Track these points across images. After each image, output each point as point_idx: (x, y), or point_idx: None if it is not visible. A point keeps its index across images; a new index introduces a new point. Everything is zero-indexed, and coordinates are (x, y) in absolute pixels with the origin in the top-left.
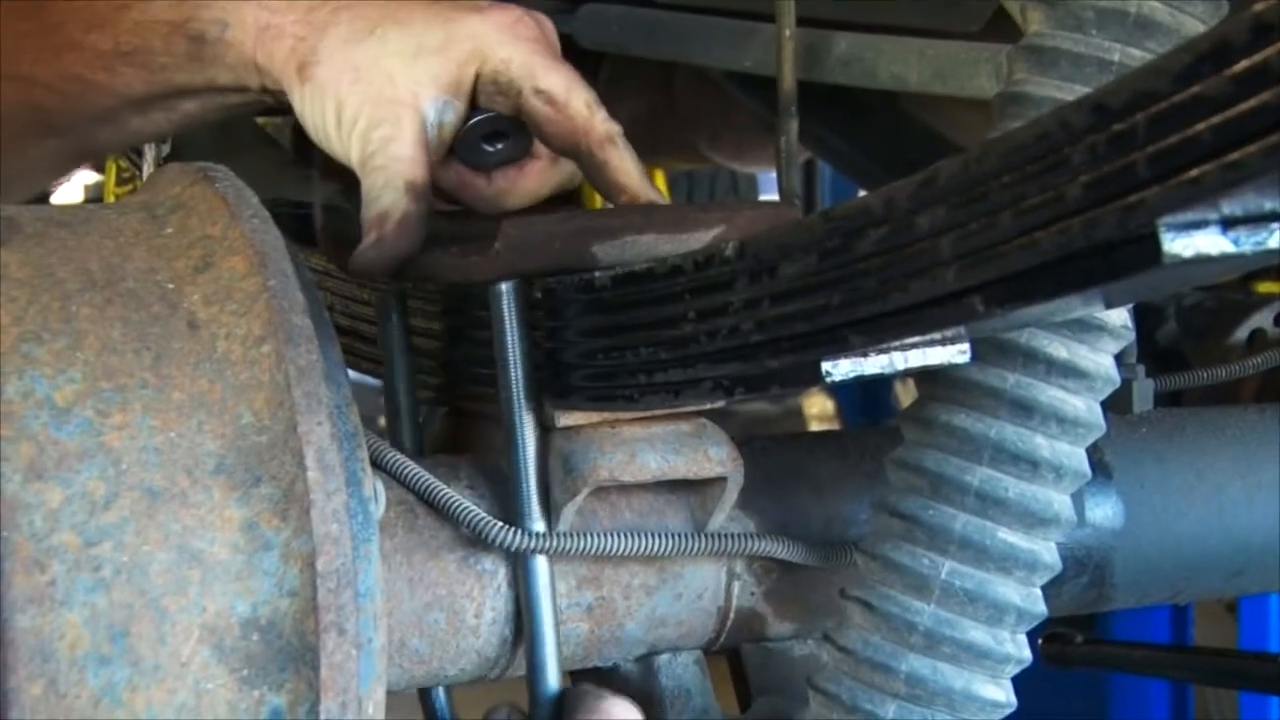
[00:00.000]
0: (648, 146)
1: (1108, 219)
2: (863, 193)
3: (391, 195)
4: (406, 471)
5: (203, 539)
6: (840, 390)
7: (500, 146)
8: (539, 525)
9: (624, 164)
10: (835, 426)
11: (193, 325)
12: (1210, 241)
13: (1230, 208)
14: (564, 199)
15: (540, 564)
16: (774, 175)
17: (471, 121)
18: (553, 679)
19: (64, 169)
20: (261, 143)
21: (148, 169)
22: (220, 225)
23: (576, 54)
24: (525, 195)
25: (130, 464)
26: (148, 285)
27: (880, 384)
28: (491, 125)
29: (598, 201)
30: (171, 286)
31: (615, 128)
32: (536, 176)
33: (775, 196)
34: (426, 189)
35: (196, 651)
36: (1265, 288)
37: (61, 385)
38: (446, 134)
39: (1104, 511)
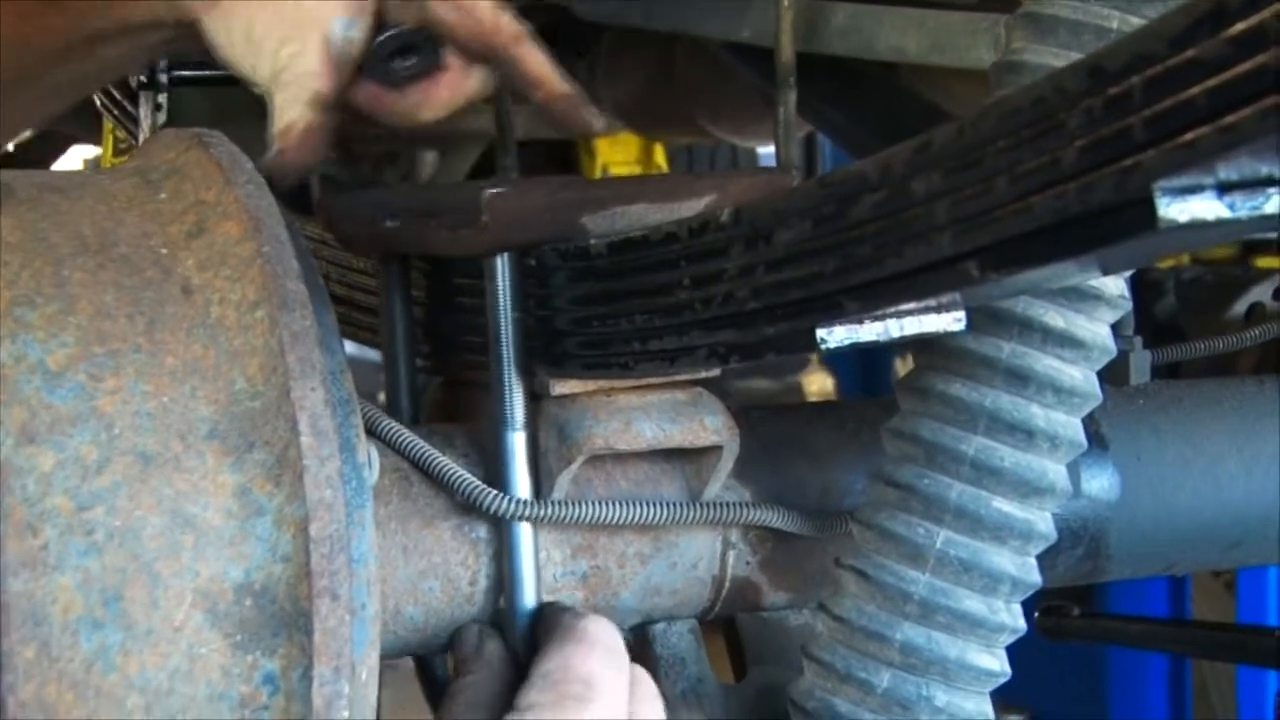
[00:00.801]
0: (647, 120)
1: (1103, 183)
2: None
3: (297, 108)
4: (401, 439)
5: (196, 504)
6: (839, 368)
7: (411, 61)
8: (525, 493)
9: (536, 59)
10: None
11: (186, 290)
12: (1206, 206)
13: (1226, 172)
14: (558, 160)
15: (525, 531)
16: (774, 149)
17: (380, 39)
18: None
19: None
20: (256, 111)
21: (143, 138)
22: (214, 190)
23: (574, 28)
24: (440, 106)
25: (123, 429)
26: (141, 250)
27: (880, 361)
28: (399, 41)
29: (596, 172)
30: (165, 252)
31: (523, 27)
32: (449, 87)
33: None
34: (331, 102)
35: (190, 616)
36: (1264, 262)
37: (54, 349)
38: (354, 50)
39: (1100, 483)
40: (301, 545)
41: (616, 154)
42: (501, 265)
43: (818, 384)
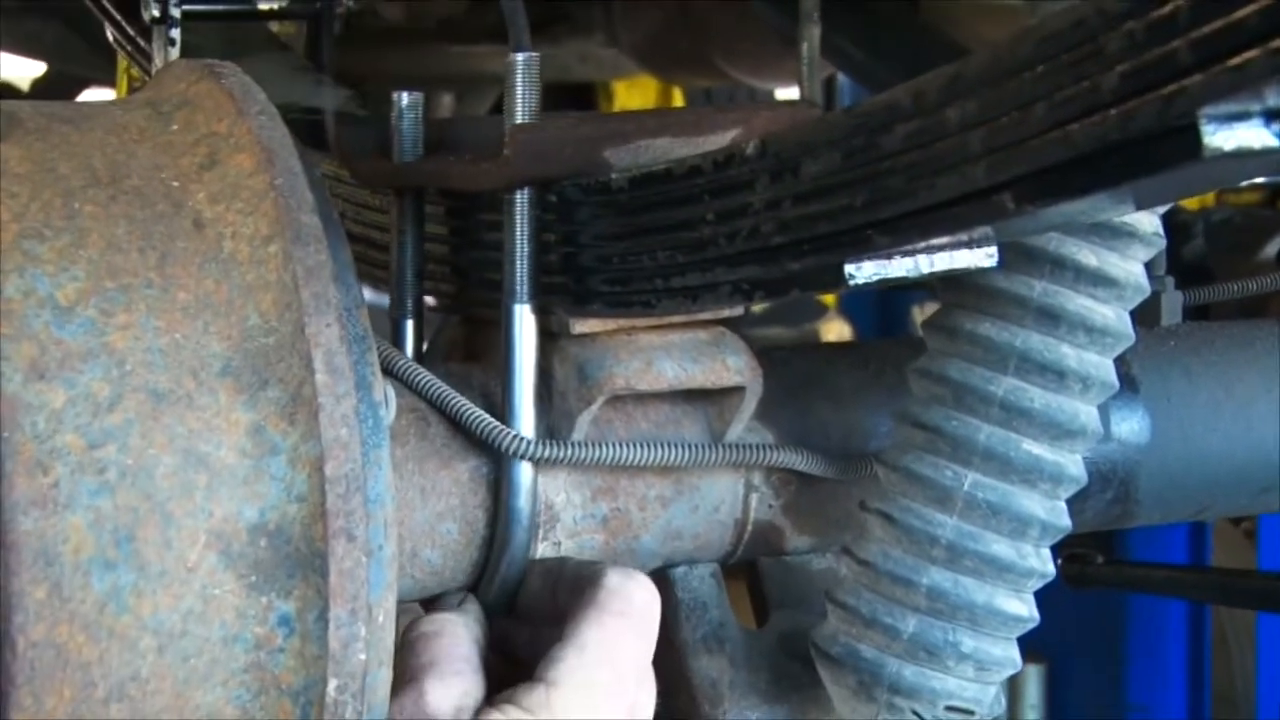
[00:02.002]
0: (664, 61)
1: (1146, 110)
2: None
3: None
4: (418, 378)
5: (209, 442)
6: (857, 315)
7: None
8: (529, 430)
9: None
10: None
11: (198, 224)
12: (1253, 134)
13: (1276, 98)
14: (577, 104)
15: (525, 469)
16: (791, 92)
17: None
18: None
19: None
20: (273, 47)
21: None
22: (226, 122)
23: None
24: None
25: (135, 365)
26: (152, 183)
27: (898, 307)
28: None
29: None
30: (176, 184)
31: None
32: None
33: None
34: None
35: (203, 557)
36: None
37: (64, 284)
38: None
39: (1130, 426)
40: (317, 485)
41: (634, 98)
42: (521, 200)
43: (835, 331)
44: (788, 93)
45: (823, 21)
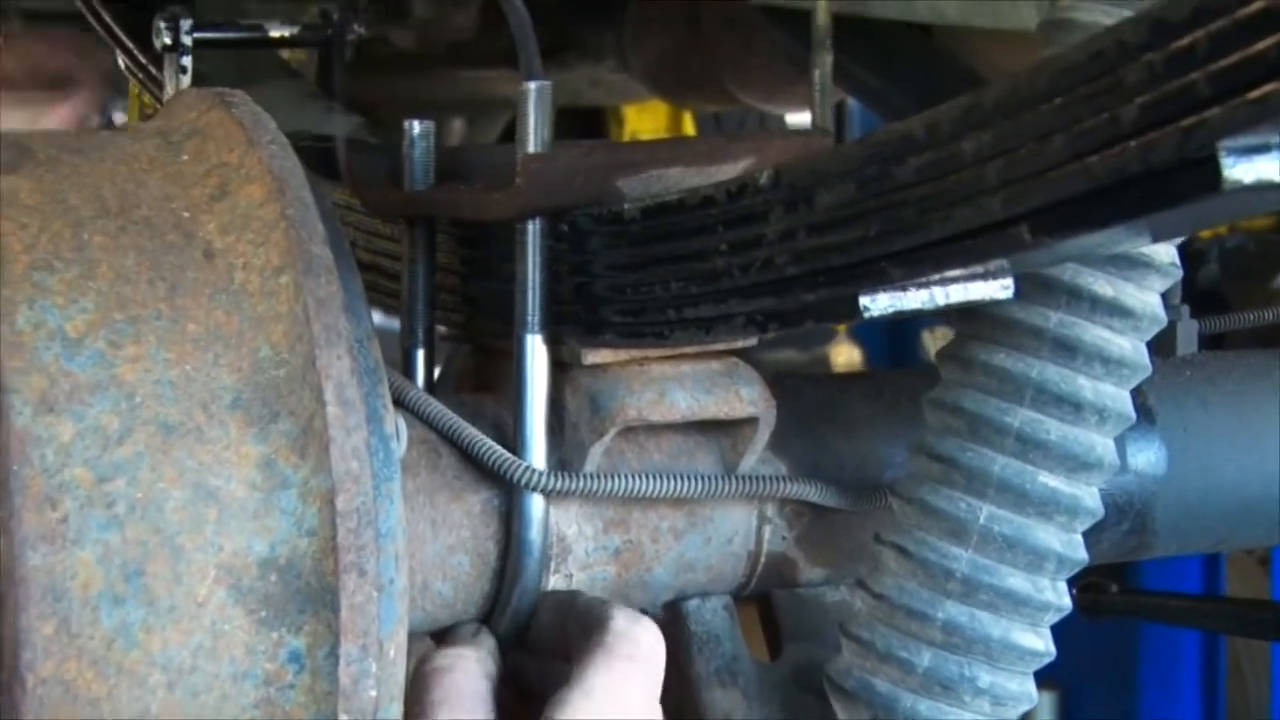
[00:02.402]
0: (676, 86)
1: (1165, 142)
2: None
3: None
4: (429, 409)
5: (219, 476)
6: (867, 339)
7: None
8: (541, 462)
9: None
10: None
11: (209, 255)
12: (1272, 166)
13: None
14: (587, 129)
15: (537, 501)
16: (802, 117)
17: None
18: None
19: None
20: (283, 74)
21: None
22: (237, 152)
23: None
24: None
25: (144, 397)
26: (163, 213)
27: (908, 332)
28: None
29: (625, 140)
30: (187, 215)
31: None
32: None
33: None
34: None
35: (213, 592)
36: None
37: (73, 315)
38: None
39: (1146, 457)
40: (328, 519)
41: (645, 122)
42: (533, 230)
43: (845, 355)
44: (799, 118)
45: (835, 47)
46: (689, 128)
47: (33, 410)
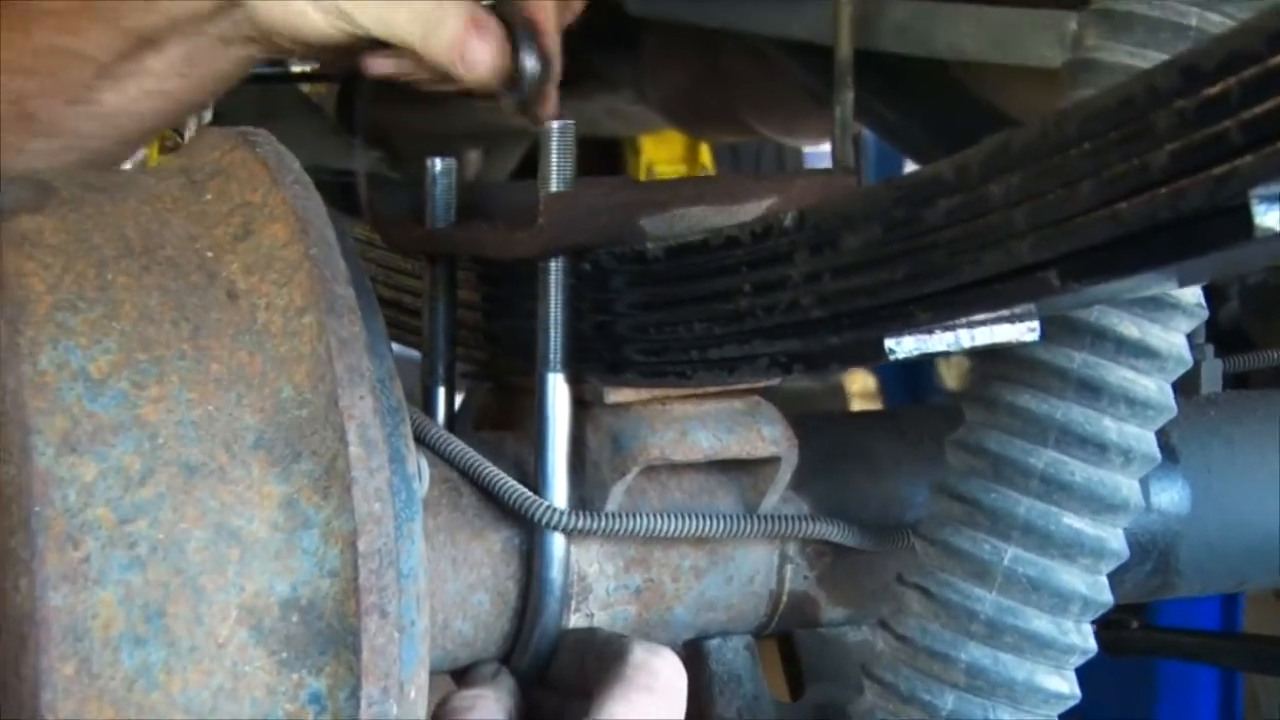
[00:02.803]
0: (694, 118)
1: (1196, 189)
2: (910, 165)
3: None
4: (450, 448)
5: (241, 516)
6: (881, 367)
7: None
8: (562, 501)
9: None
10: (877, 403)
11: (232, 295)
12: None
13: None
14: (603, 158)
15: (558, 540)
16: (820, 149)
17: None
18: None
19: None
20: (303, 109)
21: (189, 135)
22: (261, 191)
23: (618, 22)
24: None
25: (167, 438)
26: (186, 253)
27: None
28: None
29: (641, 170)
30: (210, 255)
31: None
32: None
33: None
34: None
35: (234, 633)
36: None
37: (97, 356)
38: None
39: (1170, 496)
40: (350, 560)
41: (661, 152)
42: (555, 269)
43: (860, 382)
44: (817, 150)
45: (854, 82)
46: (705, 158)
47: (55, 451)
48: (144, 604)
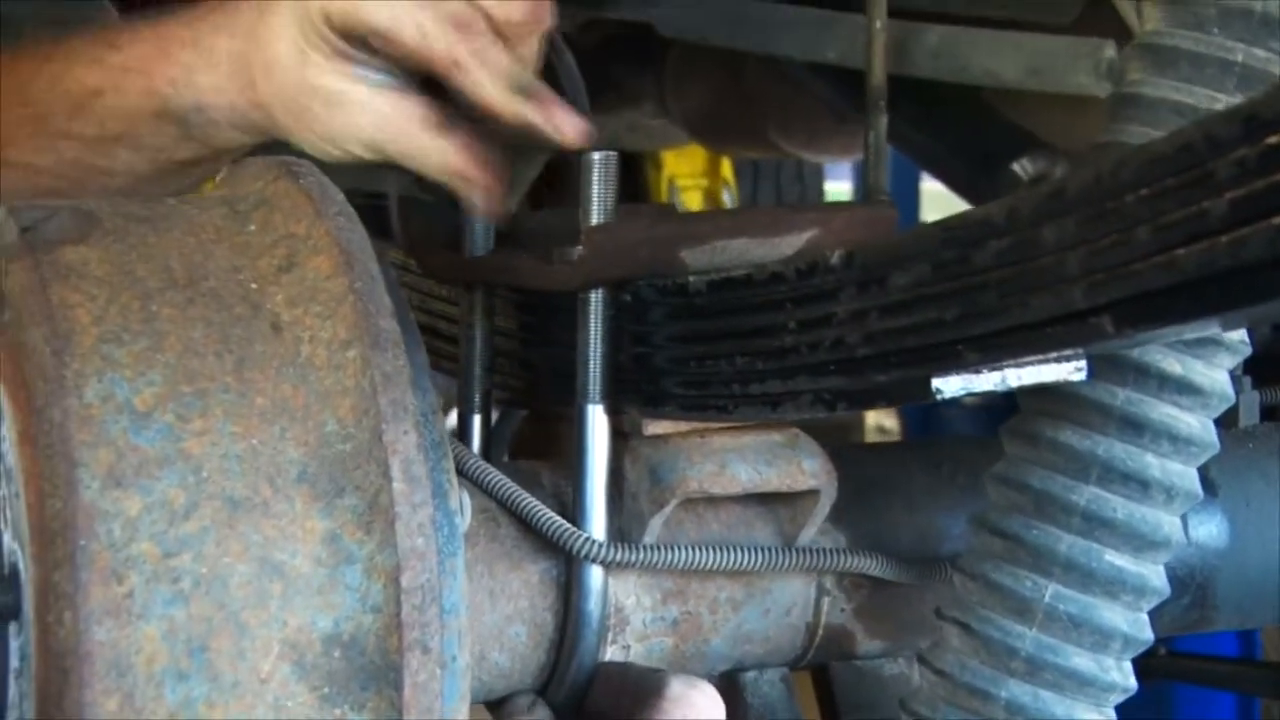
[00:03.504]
0: (717, 133)
1: (1258, 238)
2: (927, 180)
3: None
4: (489, 479)
5: (284, 551)
6: None
7: None
8: (600, 532)
9: (476, 88)
10: (895, 425)
11: (276, 327)
12: None
13: None
14: (625, 171)
15: (595, 572)
16: (838, 164)
17: None
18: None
19: None
20: None
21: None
22: (305, 223)
23: (641, 38)
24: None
25: (211, 472)
26: (230, 285)
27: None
28: None
29: (663, 184)
30: (254, 287)
31: (461, 49)
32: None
33: (840, 186)
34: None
35: (276, 668)
36: None
37: (141, 389)
38: None
39: (1208, 530)
40: (392, 595)
41: (683, 166)
42: (595, 300)
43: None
44: (837, 167)
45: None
46: (727, 172)
47: (100, 484)
48: (187, 639)
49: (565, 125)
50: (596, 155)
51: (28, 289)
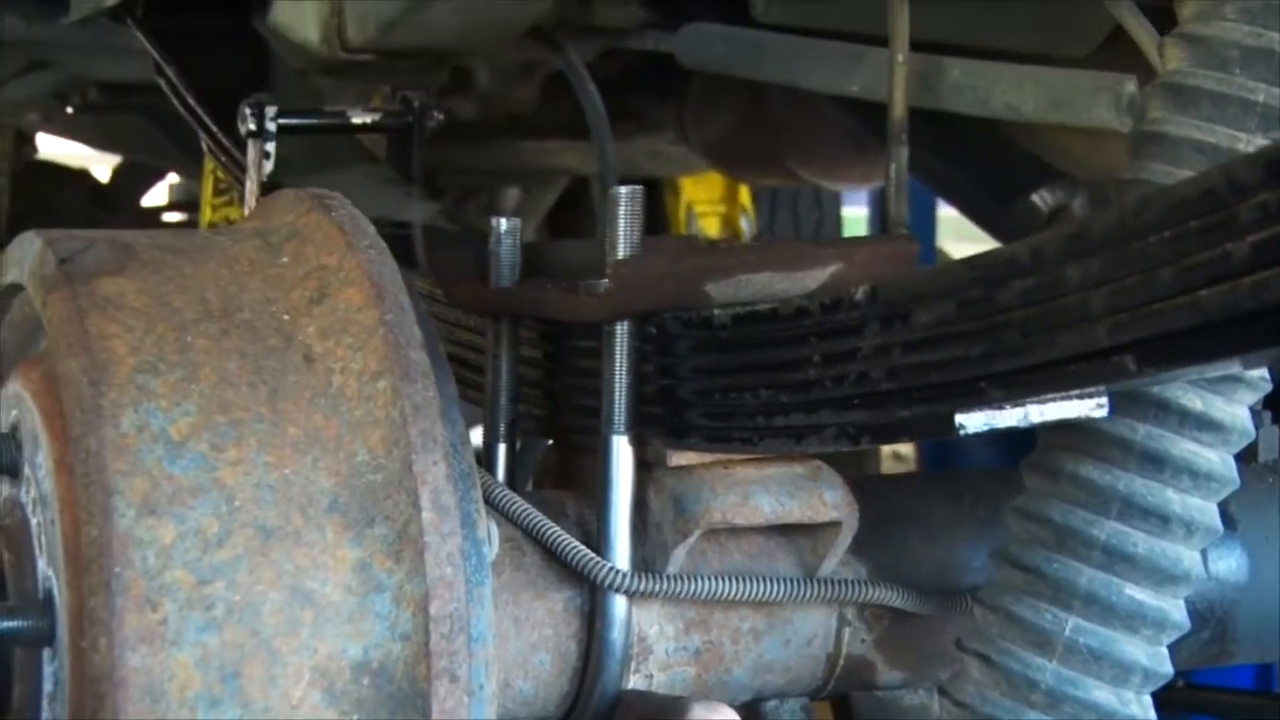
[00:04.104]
0: (737, 161)
1: (1278, 281)
2: (944, 206)
3: None
4: (515, 508)
5: (315, 579)
6: None
7: None
8: (624, 562)
9: None
10: (909, 451)
11: (308, 358)
12: None
13: None
14: (653, 222)
15: (619, 602)
16: (853, 190)
17: None
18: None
19: None
20: (360, 157)
21: (250, 185)
22: (336, 255)
23: (662, 68)
24: None
25: (244, 501)
26: (264, 316)
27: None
28: None
29: (680, 211)
30: (287, 318)
31: None
32: None
33: (857, 211)
34: None
35: (307, 695)
36: None
37: (177, 419)
38: None
39: (1228, 564)
40: (421, 624)
41: (700, 193)
42: (621, 332)
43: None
44: (854, 193)
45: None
46: (745, 199)
47: (136, 512)
48: (220, 665)
49: None
50: (623, 190)
51: (65, 319)
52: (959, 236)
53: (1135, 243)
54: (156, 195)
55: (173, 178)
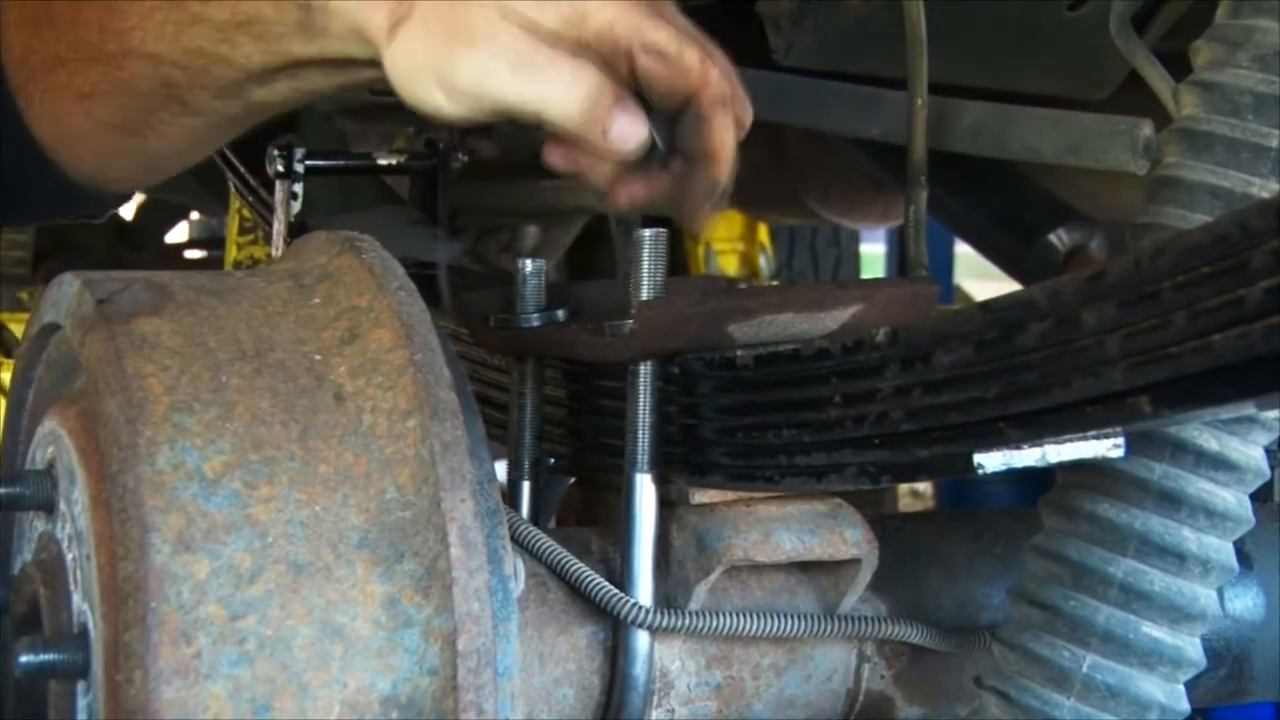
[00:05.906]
0: (756, 201)
1: None
2: (959, 245)
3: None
4: (540, 545)
5: (345, 614)
6: None
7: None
8: (647, 598)
9: (722, 133)
10: (927, 488)
11: (339, 397)
12: None
13: None
14: (672, 259)
15: (642, 637)
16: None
17: None
18: None
19: (200, 145)
20: (385, 198)
21: (278, 225)
22: (367, 296)
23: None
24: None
25: (276, 537)
26: (296, 356)
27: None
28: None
29: (699, 248)
30: (319, 358)
31: (728, 89)
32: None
33: (875, 248)
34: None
35: None
36: None
37: (211, 456)
38: None
39: (1244, 602)
40: (449, 658)
41: (719, 231)
42: (645, 372)
43: None
44: (873, 233)
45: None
46: (763, 236)
47: (171, 548)
48: (251, 699)
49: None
50: (648, 232)
51: (103, 359)
52: (978, 275)
53: (1150, 288)
54: (178, 233)
55: (194, 215)
